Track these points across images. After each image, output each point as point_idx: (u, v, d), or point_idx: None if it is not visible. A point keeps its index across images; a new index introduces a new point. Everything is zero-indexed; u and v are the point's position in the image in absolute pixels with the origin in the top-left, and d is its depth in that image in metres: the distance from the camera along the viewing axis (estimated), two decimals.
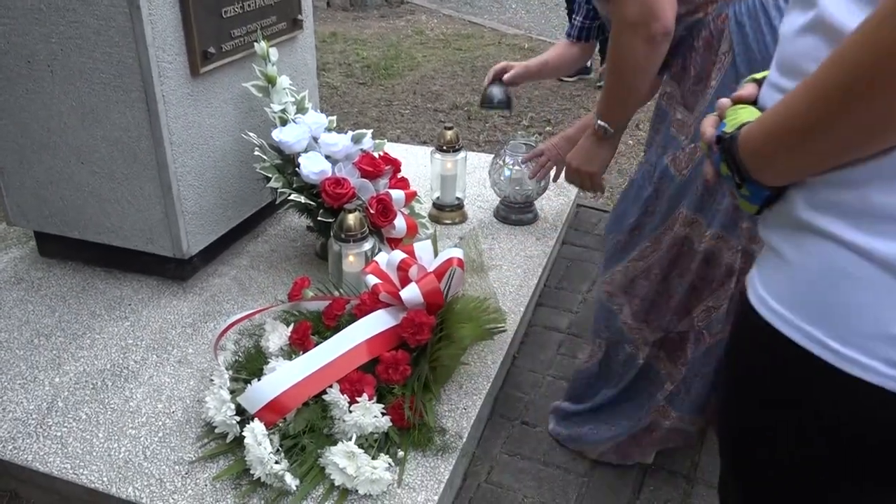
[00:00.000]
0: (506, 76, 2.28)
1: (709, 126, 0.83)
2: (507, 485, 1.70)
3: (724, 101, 0.83)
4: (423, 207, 2.29)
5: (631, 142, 3.85)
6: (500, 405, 1.92)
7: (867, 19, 0.59)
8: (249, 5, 2.02)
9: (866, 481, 0.75)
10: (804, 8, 0.71)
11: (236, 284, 2.06)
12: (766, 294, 0.75)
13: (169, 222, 1.93)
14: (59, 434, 1.55)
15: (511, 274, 2.17)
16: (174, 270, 2.05)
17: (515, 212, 2.45)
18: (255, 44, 2.03)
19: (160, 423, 1.58)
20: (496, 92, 2.32)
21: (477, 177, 2.71)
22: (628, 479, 1.72)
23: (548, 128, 4.00)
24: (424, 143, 3.70)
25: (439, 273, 1.64)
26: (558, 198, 2.65)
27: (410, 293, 1.58)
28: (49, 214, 2.06)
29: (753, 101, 0.80)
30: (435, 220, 2.40)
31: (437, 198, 2.45)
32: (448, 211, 2.44)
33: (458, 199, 2.45)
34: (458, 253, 1.69)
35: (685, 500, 1.67)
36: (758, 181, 0.74)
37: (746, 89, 0.82)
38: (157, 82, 1.76)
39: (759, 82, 0.82)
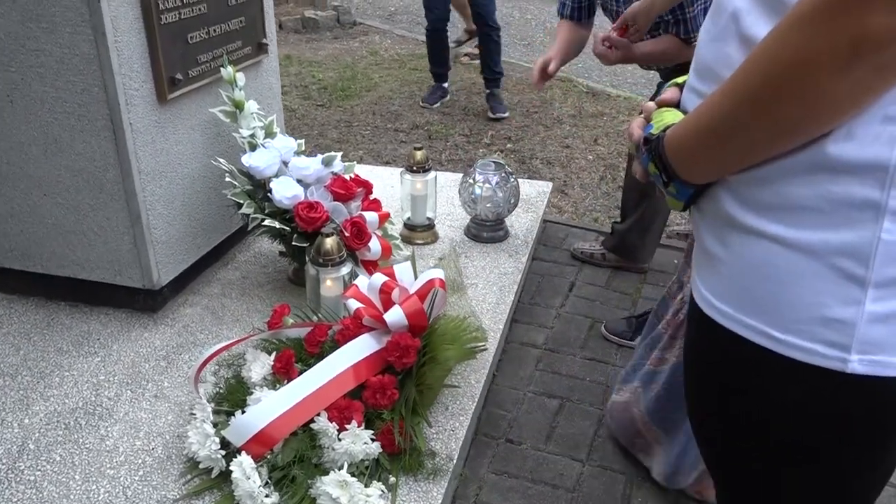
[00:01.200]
0: (551, 67, 2.29)
1: (636, 128, 0.87)
2: None
3: (650, 104, 0.88)
4: (395, 228, 2.28)
5: (591, 156, 3.92)
6: (483, 424, 1.91)
7: (773, 30, 0.63)
8: (215, 31, 1.99)
9: (819, 457, 0.79)
10: (718, 17, 0.76)
11: (209, 313, 2.02)
12: (706, 292, 0.80)
13: (138, 252, 1.88)
14: (32, 478, 1.48)
15: (487, 292, 2.17)
16: (143, 302, 1.99)
17: (487, 230, 2.46)
18: (222, 69, 2.01)
19: (140, 461, 1.53)
20: None
21: (444, 196, 2.72)
22: (616, 492, 1.73)
23: (508, 145, 4.04)
24: (387, 163, 3.70)
25: (422, 294, 1.63)
26: (526, 214, 2.67)
27: (395, 316, 1.57)
28: (9, 249, 1.98)
29: (677, 104, 0.85)
30: (406, 240, 2.39)
31: (408, 218, 2.44)
32: (419, 231, 2.43)
33: (428, 219, 2.45)
34: (439, 273, 1.68)
35: None
36: (683, 179, 0.78)
37: (669, 93, 0.87)
38: (124, 110, 1.72)
39: (681, 86, 0.87)
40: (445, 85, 4.72)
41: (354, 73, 5.30)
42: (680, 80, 0.90)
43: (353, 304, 1.64)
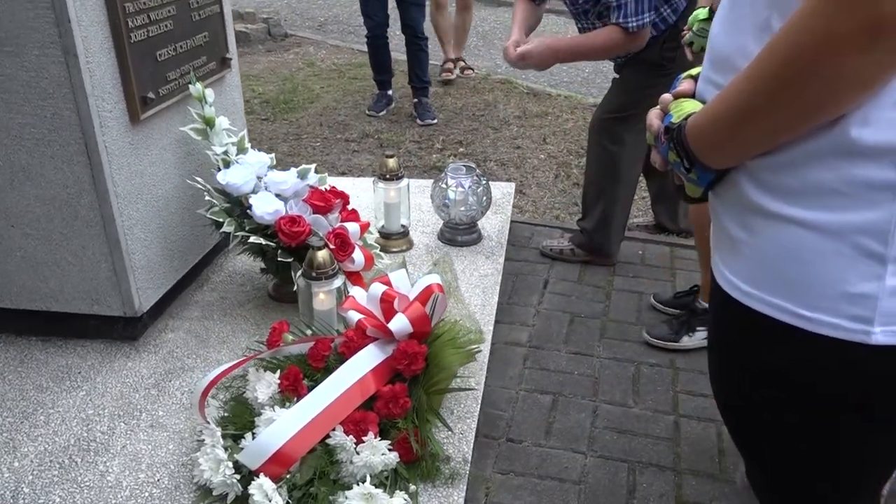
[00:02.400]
0: (520, 49, 2.46)
1: (655, 119, 0.92)
2: None
3: (667, 96, 0.92)
4: (372, 237, 2.27)
5: (542, 155, 3.99)
6: (482, 426, 1.92)
7: (793, 16, 0.67)
8: (181, 47, 1.94)
9: (849, 423, 0.83)
10: (733, 10, 0.80)
11: (193, 337, 1.96)
12: (733, 277, 0.84)
13: (118, 279, 1.82)
14: None
15: (470, 294, 2.19)
16: (123, 330, 1.92)
17: (461, 233, 2.48)
18: (191, 86, 1.96)
19: (146, 494, 1.47)
20: None
21: (412, 202, 2.71)
22: (620, 479, 1.78)
23: (461, 149, 4.07)
24: (343, 174, 3.67)
25: (422, 301, 1.63)
26: (495, 216, 2.70)
27: (399, 324, 1.57)
28: None
29: (692, 96, 0.89)
30: (383, 249, 2.38)
31: (383, 226, 2.43)
32: (395, 239, 2.43)
33: (403, 226, 2.45)
34: (436, 279, 1.69)
35: (678, 490, 1.74)
36: (704, 165, 0.82)
37: (685, 84, 0.92)
38: (99, 133, 1.67)
39: (695, 78, 0.92)
40: (389, 92, 4.72)
41: (294, 86, 5.23)
42: (693, 72, 0.94)
43: (354, 316, 1.63)
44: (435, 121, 4.44)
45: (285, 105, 4.79)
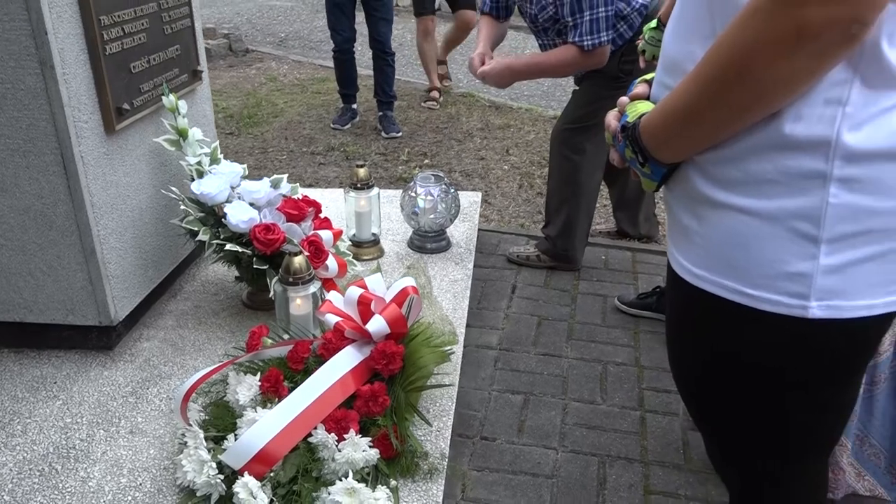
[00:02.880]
0: (480, 70, 2.57)
1: (612, 119, 1.02)
2: (484, 499, 1.76)
3: (624, 98, 1.02)
4: (345, 245, 2.32)
5: (506, 166, 4.08)
6: (456, 425, 1.97)
7: (730, 23, 0.76)
8: (155, 59, 1.97)
9: (796, 395, 0.93)
10: (681, 20, 0.90)
11: (168, 346, 1.98)
12: (685, 262, 0.93)
13: (94, 289, 1.83)
14: None
15: (442, 299, 2.24)
16: (97, 340, 1.93)
17: (430, 241, 2.54)
18: (164, 97, 1.99)
19: (129, 498, 1.49)
20: None
21: (380, 211, 2.76)
22: (591, 472, 1.84)
23: (426, 161, 4.14)
24: (310, 185, 3.70)
25: (398, 303, 1.68)
26: (463, 224, 2.77)
27: (377, 325, 1.61)
28: None
29: (646, 98, 0.99)
30: (354, 256, 2.42)
31: (354, 235, 2.48)
32: (366, 247, 2.48)
33: (374, 234, 2.50)
34: (410, 281, 1.74)
35: (646, 480, 1.82)
36: (657, 160, 0.91)
37: (640, 88, 1.02)
38: (75, 143, 1.69)
39: (649, 82, 1.01)
40: (354, 106, 4.78)
41: (258, 100, 5.25)
42: (648, 76, 1.03)
43: (332, 319, 1.67)
44: (399, 133, 4.51)
45: (249, 119, 4.80)
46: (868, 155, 0.76)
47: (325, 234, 2.09)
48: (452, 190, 2.52)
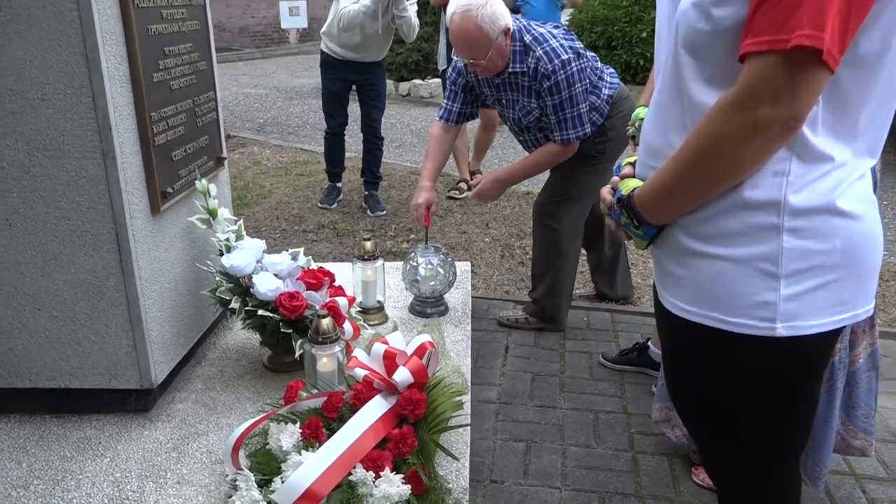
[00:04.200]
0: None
1: (607, 194, 1.30)
2: None
3: (615, 178, 1.30)
4: (354, 311, 2.53)
5: (487, 239, 4.36)
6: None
7: (702, 119, 1.04)
8: (190, 148, 2.23)
9: (768, 400, 1.17)
10: (659, 114, 1.17)
11: (201, 406, 2.15)
12: (674, 300, 1.19)
13: (137, 354, 2.01)
14: None
15: (445, 360, 2.45)
16: (136, 403, 2.09)
17: (430, 306, 2.77)
18: (196, 182, 2.23)
19: None
20: None
21: (384, 280, 2.99)
22: None
23: (412, 235, 4.41)
24: None
25: (418, 355, 1.90)
26: (457, 290, 3.00)
27: (402, 375, 1.82)
28: None
29: (633, 176, 1.27)
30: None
31: (360, 303, 2.70)
32: (372, 313, 2.69)
33: (378, 301, 2.72)
34: (427, 337, 1.97)
35: None
36: (648, 223, 1.18)
37: (627, 169, 1.31)
38: (129, 223, 1.90)
39: (633, 164, 1.30)
40: (339, 185, 5.06)
41: (245, 183, 5.51)
42: (630, 159, 1.32)
43: (361, 372, 1.88)
44: (384, 212, 4.79)
45: (239, 201, 5.04)
46: (808, 211, 1.03)
47: (342, 301, 2.31)
48: (450, 259, 2.77)
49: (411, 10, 4.47)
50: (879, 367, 1.97)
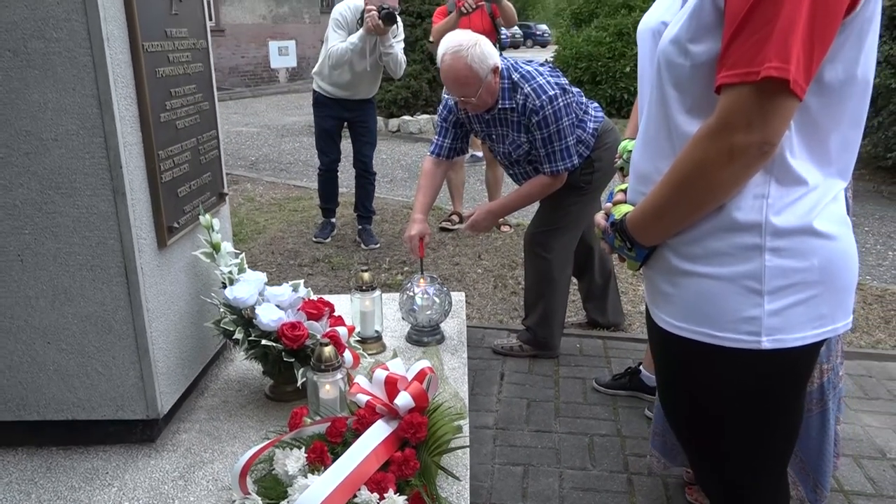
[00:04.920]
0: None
1: (601, 219, 1.39)
2: None
3: (608, 204, 1.39)
4: (353, 340, 2.59)
5: (480, 270, 4.44)
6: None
7: (685, 147, 1.14)
8: (194, 184, 2.31)
9: (754, 411, 1.24)
10: (648, 144, 1.27)
11: (206, 436, 2.19)
12: (666, 317, 1.27)
13: (144, 385, 2.06)
14: None
15: (444, 385, 2.51)
16: (141, 433, 2.13)
17: (426, 335, 2.83)
18: (200, 217, 2.31)
19: None
20: None
21: (382, 311, 3.06)
22: None
23: (405, 268, 4.49)
24: None
25: (419, 380, 1.96)
26: (453, 320, 3.07)
27: (404, 399, 1.89)
28: (2, 402, 2.07)
29: (624, 202, 1.37)
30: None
31: (358, 332, 2.76)
32: (370, 343, 2.76)
33: (377, 331, 2.78)
34: (426, 363, 2.03)
35: None
36: (640, 245, 1.27)
37: (619, 196, 1.41)
38: (138, 257, 1.97)
39: (624, 191, 1.39)
40: (333, 220, 5.15)
41: (240, 219, 5.59)
42: (622, 186, 1.41)
43: (363, 398, 1.94)
44: (378, 245, 4.87)
45: (235, 237, 5.11)
46: (788, 231, 1.12)
47: (342, 330, 2.37)
48: (445, 289, 2.85)
49: (398, 47, 4.62)
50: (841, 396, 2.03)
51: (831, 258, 1.15)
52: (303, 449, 1.83)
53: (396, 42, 4.61)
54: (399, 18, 4.49)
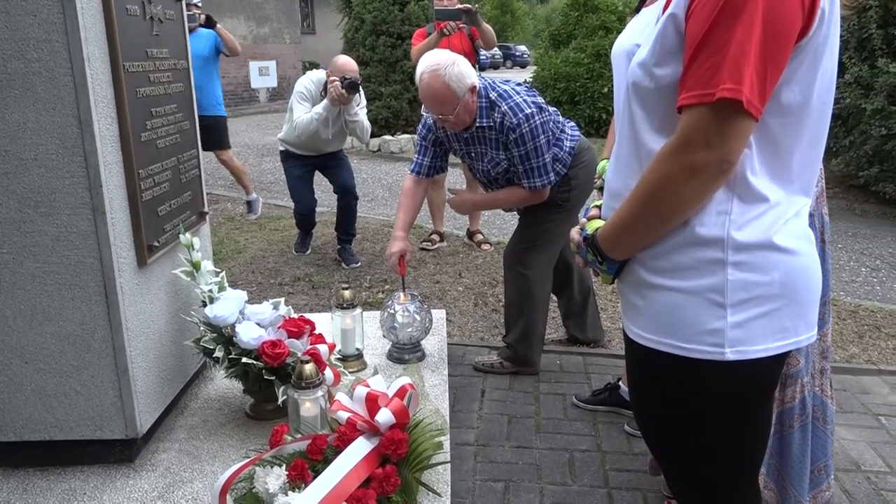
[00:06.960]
0: (407, 257, 2.92)
1: (575, 234, 1.43)
2: None
3: (583, 219, 1.43)
4: (334, 358, 2.60)
5: (460, 288, 4.46)
6: None
7: (650, 164, 1.18)
8: (174, 203, 2.31)
9: (721, 420, 1.27)
10: (620, 163, 1.31)
11: (185, 455, 2.18)
12: (636, 329, 1.31)
13: (123, 404, 2.05)
14: None
15: (425, 402, 2.52)
16: (120, 453, 2.12)
17: (407, 352, 2.85)
18: (181, 235, 2.31)
19: None
20: None
21: (363, 328, 3.07)
22: None
23: (386, 286, 4.50)
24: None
25: (399, 397, 1.97)
26: (433, 337, 3.09)
27: (385, 416, 1.89)
28: None
29: (598, 217, 1.41)
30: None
31: (339, 350, 2.76)
32: (351, 361, 2.76)
33: (357, 349, 2.79)
34: (407, 380, 2.04)
35: None
36: (611, 258, 1.30)
37: (593, 211, 1.45)
38: (117, 276, 1.97)
39: (599, 207, 1.44)
40: (312, 232, 5.23)
41: (220, 238, 5.57)
42: (598, 202, 1.45)
43: (344, 415, 1.95)
44: (359, 264, 4.88)
45: (216, 256, 5.08)
46: (749, 246, 1.16)
47: (322, 348, 2.38)
48: (426, 306, 2.86)
49: (362, 114, 4.70)
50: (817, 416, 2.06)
51: (791, 272, 1.18)
52: (283, 466, 1.83)
53: (360, 109, 4.68)
54: (361, 88, 4.55)
